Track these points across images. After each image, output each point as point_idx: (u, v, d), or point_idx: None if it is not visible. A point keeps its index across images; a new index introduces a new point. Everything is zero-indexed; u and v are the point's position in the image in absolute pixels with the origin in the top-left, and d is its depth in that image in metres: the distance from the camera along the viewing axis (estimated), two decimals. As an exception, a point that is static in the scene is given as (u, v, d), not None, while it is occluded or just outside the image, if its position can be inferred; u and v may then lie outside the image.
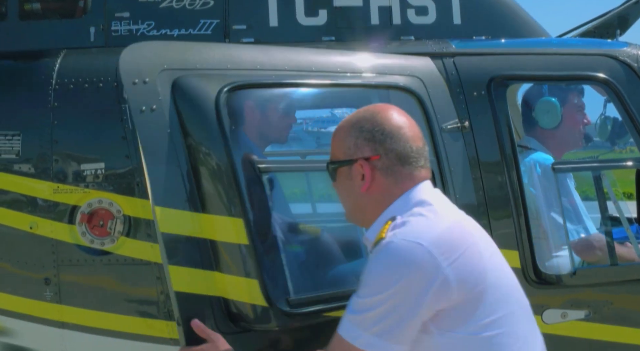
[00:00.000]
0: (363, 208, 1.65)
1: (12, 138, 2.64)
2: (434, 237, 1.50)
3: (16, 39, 2.92)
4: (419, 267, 1.47)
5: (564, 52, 2.91)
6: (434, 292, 1.48)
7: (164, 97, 2.17)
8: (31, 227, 2.61)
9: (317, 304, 2.22)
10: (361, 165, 1.61)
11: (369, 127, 1.62)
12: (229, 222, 2.14)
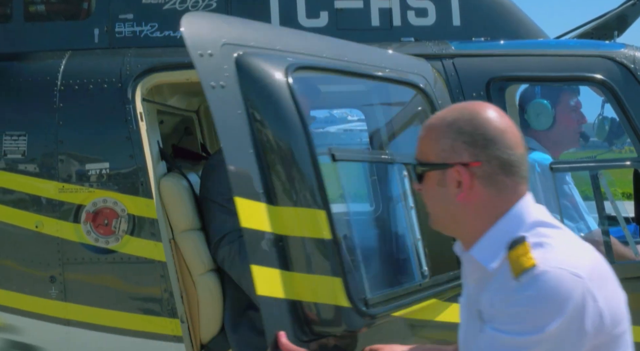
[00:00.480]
0: (457, 218, 1.45)
1: (18, 139, 2.68)
2: (587, 267, 1.32)
3: (21, 40, 2.96)
4: (579, 301, 1.29)
5: (562, 53, 2.94)
6: (593, 329, 1.31)
7: (230, 74, 2.00)
8: (37, 225, 2.65)
9: (389, 302, 2.15)
10: (458, 172, 1.41)
11: (469, 130, 1.41)
12: (312, 215, 1.97)
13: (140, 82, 2.69)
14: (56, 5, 3.09)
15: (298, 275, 1.96)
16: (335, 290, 1.97)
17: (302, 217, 1.98)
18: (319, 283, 1.97)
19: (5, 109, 2.72)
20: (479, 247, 1.42)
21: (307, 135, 2.00)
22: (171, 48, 2.90)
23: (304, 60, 2.18)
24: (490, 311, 1.34)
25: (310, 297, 1.96)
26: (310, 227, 1.97)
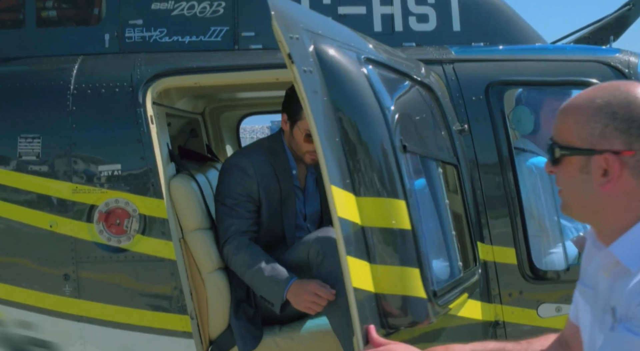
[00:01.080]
0: (598, 208, 1.32)
1: (33, 141, 2.76)
2: None
3: (34, 45, 3.04)
4: None
5: (559, 58, 3.03)
6: None
7: (314, 59, 2.04)
8: (51, 225, 2.73)
9: (446, 295, 2.24)
10: (606, 160, 1.27)
11: (625, 116, 1.27)
12: (393, 205, 2.04)
13: (150, 86, 2.77)
14: (67, 11, 3.17)
15: (381, 266, 2.02)
16: (414, 281, 2.05)
17: (383, 207, 2.05)
18: (400, 274, 2.04)
19: (20, 112, 2.80)
20: (622, 244, 1.29)
21: (387, 125, 2.10)
22: (180, 53, 3.00)
23: (372, 53, 2.32)
24: (626, 311, 1.24)
25: (391, 289, 2.02)
26: (392, 217, 2.05)
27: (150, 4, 3.03)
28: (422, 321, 2.11)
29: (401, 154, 2.17)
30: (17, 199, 2.75)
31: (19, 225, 2.74)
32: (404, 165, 2.15)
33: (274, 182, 2.83)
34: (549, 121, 3.07)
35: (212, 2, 3.03)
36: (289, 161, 2.90)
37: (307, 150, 2.79)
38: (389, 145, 2.11)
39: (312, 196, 2.99)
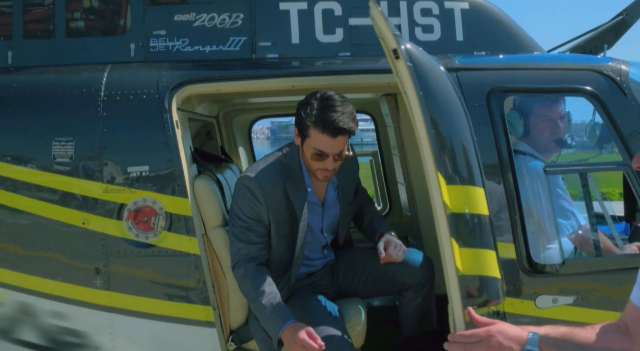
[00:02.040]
0: None
1: (66, 144, 2.95)
2: None
3: (64, 54, 3.22)
4: None
5: (556, 67, 3.22)
6: None
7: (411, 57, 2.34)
8: (83, 222, 2.92)
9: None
10: None
11: None
12: (474, 192, 2.29)
13: (176, 93, 2.97)
14: (94, 22, 3.35)
15: (466, 249, 2.22)
16: (491, 263, 2.27)
17: (467, 194, 2.28)
18: (480, 256, 2.25)
19: (54, 117, 2.99)
20: None
21: (467, 121, 2.42)
22: (200, 62, 3.19)
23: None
24: None
25: (472, 270, 2.22)
26: (474, 203, 2.28)
27: (173, 15, 3.22)
28: (494, 300, 2.32)
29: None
30: (51, 198, 2.94)
31: (54, 222, 2.93)
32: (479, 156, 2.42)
33: (284, 204, 2.82)
34: (539, 125, 3.29)
35: (231, 14, 3.23)
36: (304, 179, 2.88)
37: (317, 167, 2.79)
38: (470, 138, 2.37)
39: (331, 207, 3.02)
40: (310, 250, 3.03)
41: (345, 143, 2.78)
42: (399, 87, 2.36)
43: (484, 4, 3.41)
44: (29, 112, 3.01)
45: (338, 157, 2.78)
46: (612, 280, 2.94)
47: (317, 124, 2.70)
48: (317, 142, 2.73)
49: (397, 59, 2.18)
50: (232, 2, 3.22)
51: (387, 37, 2.20)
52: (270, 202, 2.80)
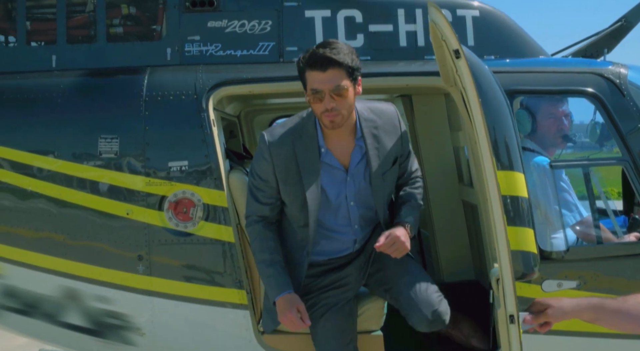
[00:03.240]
0: None
1: (112, 141, 3.20)
2: None
3: (104, 58, 3.46)
4: None
5: (560, 70, 3.47)
6: None
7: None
8: (127, 213, 3.17)
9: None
10: None
11: None
12: (516, 177, 2.65)
13: (212, 94, 3.22)
14: (133, 27, 3.59)
15: (510, 227, 2.56)
16: (529, 239, 2.65)
17: (511, 179, 2.65)
18: (520, 233, 2.62)
19: (100, 116, 3.24)
20: None
21: (511, 114, 2.85)
22: (233, 65, 3.44)
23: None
24: None
25: (514, 246, 2.54)
26: (516, 186, 2.65)
27: (206, 22, 3.46)
28: (530, 273, 2.66)
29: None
30: (98, 191, 3.19)
31: (100, 213, 3.18)
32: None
33: (293, 164, 2.75)
34: (546, 123, 3.56)
35: (260, 21, 3.48)
36: (317, 139, 2.76)
37: (320, 112, 2.66)
38: (512, 129, 2.74)
39: (356, 173, 2.82)
40: (334, 218, 2.85)
41: (341, 79, 2.61)
42: (458, 83, 2.63)
43: (493, 12, 3.66)
44: (76, 111, 3.26)
45: (337, 96, 2.62)
46: (611, 266, 3.21)
47: (307, 63, 2.63)
48: (311, 82, 2.63)
49: (457, 59, 2.47)
50: (261, 10, 3.47)
51: (450, 39, 2.48)
52: (277, 160, 2.75)
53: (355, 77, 2.68)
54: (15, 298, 3.37)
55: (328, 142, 2.79)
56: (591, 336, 3.14)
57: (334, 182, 2.81)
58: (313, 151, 2.76)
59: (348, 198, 2.84)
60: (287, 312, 2.70)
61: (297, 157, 2.75)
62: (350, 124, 2.77)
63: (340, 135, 2.78)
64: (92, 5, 3.53)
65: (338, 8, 3.50)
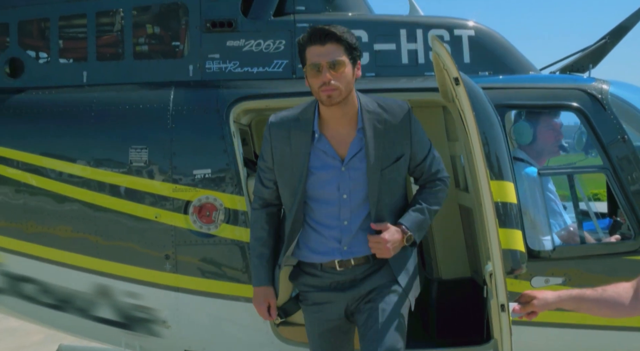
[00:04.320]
0: None
1: (141, 151, 3.51)
2: None
3: (131, 74, 3.76)
4: None
5: (547, 86, 3.80)
6: None
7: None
8: (156, 216, 3.48)
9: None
10: None
11: None
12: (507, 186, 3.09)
13: (233, 108, 3.54)
14: (157, 46, 3.90)
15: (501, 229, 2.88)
16: (518, 239, 3.02)
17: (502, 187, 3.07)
18: (510, 234, 3.01)
19: (131, 128, 3.55)
20: None
21: (503, 129, 3.24)
22: (250, 81, 3.74)
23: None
24: None
25: (505, 245, 2.87)
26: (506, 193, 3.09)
27: (225, 41, 3.77)
28: (518, 268, 3.04)
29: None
30: (129, 196, 3.50)
31: (131, 216, 3.49)
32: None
33: (288, 148, 2.70)
34: (544, 135, 3.89)
35: (274, 41, 3.80)
36: (313, 123, 2.68)
37: (318, 85, 2.59)
38: (503, 144, 3.11)
39: (353, 164, 2.68)
40: (324, 209, 2.70)
41: (340, 54, 2.58)
42: (457, 106, 2.94)
43: (487, 31, 3.99)
44: (108, 123, 3.57)
45: (334, 70, 2.57)
46: (593, 264, 3.54)
47: (308, 38, 2.62)
48: (310, 56, 2.60)
49: (457, 85, 2.77)
50: (275, 30, 3.79)
51: (450, 68, 2.78)
52: (275, 142, 2.72)
53: (354, 57, 2.64)
54: (50, 294, 3.68)
55: (325, 129, 2.70)
56: (580, 328, 3.47)
57: (327, 170, 2.68)
58: (306, 135, 2.68)
59: (341, 190, 2.69)
60: (258, 304, 2.87)
61: (291, 139, 2.69)
62: (350, 112, 2.68)
63: (339, 123, 2.68)
64: (120, 25, 3.84)
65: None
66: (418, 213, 2.77)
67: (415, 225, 2.74)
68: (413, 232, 2.72)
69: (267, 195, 2.84)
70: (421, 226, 2.78)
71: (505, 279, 2.65)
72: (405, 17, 4.06)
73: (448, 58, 2.76)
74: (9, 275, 3.68)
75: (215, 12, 3.76)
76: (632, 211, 3.51)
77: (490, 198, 2.68)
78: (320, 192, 2.70)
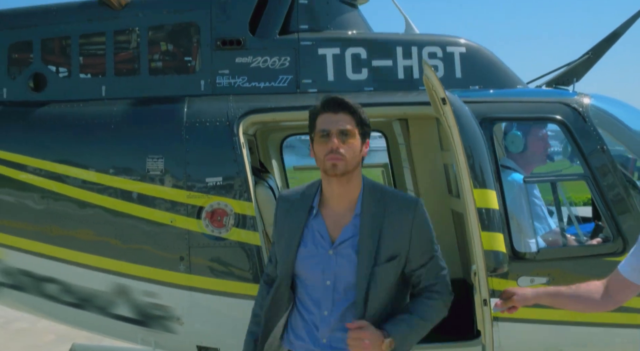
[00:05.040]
0: None
1: (157, 160, 3.79)
2: None
3: (147, 88, 4.06)
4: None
5: (533, 100, 4.09)
6: None
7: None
8: (171, 221, 3.76)
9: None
10: None
11: None
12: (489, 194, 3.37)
13: (242, 121, 3.83)
14: (171, 62, 4.19)
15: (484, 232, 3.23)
16: (500, 241, 3.27)
17: (485, 195, 3.36)
18: (493, 237, 3.29)
19: (148, 139, 3.83)
20: None
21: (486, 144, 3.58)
22: (257, 95, 4.03)
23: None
24: None
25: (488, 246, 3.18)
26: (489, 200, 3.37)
27: (234, 58, 4.06)
28: (500, 267, 3.30)
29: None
30: (146, 202, 3.79)
31: (148, 221, 3.76)
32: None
33: (287, 222, 2.54)
34: (535, 145, 4.19)
35: (280, 58, 4.09)
36: (314, 198, 2.52)
37: (325, 153, 2.42)
38: (486, 155, 3.42)
39: (342, 249, 2.44)
40: (307, 296, 2.47)
41: (350, 124, 2.43)
42: (444, 123, 3.23)
43: (478, 48, 4.29)
44: (126, 134, 3.86)
45: (343, 139, 2.41)
46: (574, 265, 3.83)
47: (321, 106, 2.48)
48: (321, 123, 2.45)
49: (444, 105, 3.07)
50: (280, 48, 4.09)
51: (438, 90, 3.09)
52: (279, 215, 2.59)
53: (364, 133, 2.48)
54: (71, 294, 3.95)
55: (324, 206, 2.51)
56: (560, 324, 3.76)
57: (316, 249, 2.47)
58: (304, 209, 2.51)
59: (325, 274, 2.44)
60: None
61: (291, 212, 2.54)
62: (352, 192, 2.49)
63: (338, 202, 2.49)
64: (136, 43, 4.13)
65: (346, 46, 4.12)
66: (405, 324, 2.44)
67: (400, 335, 2.40)
68: (397, 342, 2.38)
69: (270, 270, 2.68)
70: (406, 338, 2.43)
71: (487, 277, 2.94)
72: (401, 35, 4.36)
73: (436, 80, 3.06)
74: (33, 276, 3.95)
75: (225, 31, 4.05)
76: (611, 216, 3.79)
77: (474, 204, 2.97)
78: (304, 272, 2.48)
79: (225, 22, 4.07)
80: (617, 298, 2.51)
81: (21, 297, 4.06)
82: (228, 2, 4.08)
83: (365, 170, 3.26)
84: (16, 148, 3.89)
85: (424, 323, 2.50)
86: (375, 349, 2.35)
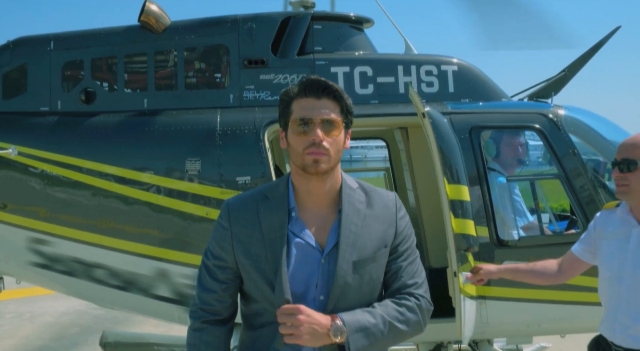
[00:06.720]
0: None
1: (195, 162, 4.44)
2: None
3: (183, 101, 4.73)
4: None
5: (515, 111, 4.78)
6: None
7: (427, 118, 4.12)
8: (207, 214, 4.40)
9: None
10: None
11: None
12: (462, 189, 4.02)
13: (267, 129, 4.49)
14: (204, 79, 4.86)
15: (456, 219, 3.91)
16: (471, 226, 3.89)
17: (458, 189, 3.91)
18: (465, 223, 3.95)
19: (186, 144, 4.49)
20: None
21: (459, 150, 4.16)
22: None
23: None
24: None
25: (459, 230, 3.88)
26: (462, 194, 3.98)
27: (259, 75, 4.73)
28: (470, 247, 3.92)
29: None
30: (185, 198, 4.43)
31: (187, 214, 4.40)
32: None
33: (257, 233, 2.04)
34: (505, 150, 4.87)
35: (298, 75, 4.75)
36: (288, 199, 2.09)
37: (304, 146, 2.01)
38: (459, 158, 4.08)
39: (331, 256, 2.03)
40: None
41: (334, 112, 2.04)
42: (425, 134, 3.94)
43: (468, 66, 4.97)
44: (168, 140, 4.51)
45: (327, 131, 2.02)
46: (550, 250, 4.46)
47: (300, 90, 2.06)
48: (299, 111, 2.04)
49: (424, 118, 3.77)
50: (298, 67, 4.75)
51: (419, 107, 3.82)
52: (236, 227, 2.07)
53: (348, 123, 2.11)
54: (117, 277, 4.58)
55: (302, 209, 2.10)
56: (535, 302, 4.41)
57: (305, 262, 2.03)
58: (280, 214, 2.06)
59: (318, 288, 2.02)
60: None
61: (261, 221, 2.06)
62: (334, 188, 2.12)
63: (319, 202, 2.11)
64: (174, 62, 4.80)
65: (354, 65, 4.80)
66: (368, 315, 2.01)
67: (356, 324, 1.97)
68: (350, 331, 1.95)
69: (209, 301, 2.11)
70: (366, 331, 1.98)
71: (456, 255, 3.62)
72: (402, 55, 5.03)
73: (417, 100, 3.79)
74: (83, 263, 4.57)
75: (250, 52, 4.72)
76: (581, 208, 4.46)
77: (446, 196, 3.76)
78: (294, 291, 2.00)
79: (251, 44, 4.73)
80: (568, 273, 3.16)
81: (71, 282, 4.67)
82: (253, 27, 4.75)
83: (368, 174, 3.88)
84: (70, 151, 4.52)
85: (393, 325, 2.03)
86: (317, 338, 1.91)
